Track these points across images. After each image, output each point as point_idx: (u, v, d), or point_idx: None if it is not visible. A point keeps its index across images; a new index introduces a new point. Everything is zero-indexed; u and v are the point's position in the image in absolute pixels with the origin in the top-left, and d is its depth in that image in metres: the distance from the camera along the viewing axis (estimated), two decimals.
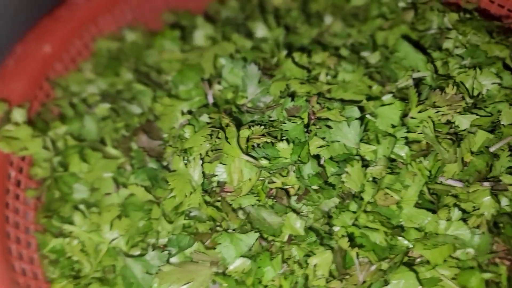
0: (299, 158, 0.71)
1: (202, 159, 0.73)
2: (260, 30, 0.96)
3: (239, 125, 0.74)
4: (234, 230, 0.70)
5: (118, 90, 0.90)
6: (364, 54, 0.93)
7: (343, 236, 0.69)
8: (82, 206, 0.78)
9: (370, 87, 0.84)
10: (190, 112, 0.80)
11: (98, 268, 0.74)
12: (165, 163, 0.80)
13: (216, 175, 0.71)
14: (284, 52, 0.86)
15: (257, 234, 0.68)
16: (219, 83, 0.84)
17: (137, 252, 0.76)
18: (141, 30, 1.03)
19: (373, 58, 0.91)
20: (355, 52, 0.93)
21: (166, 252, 0.72)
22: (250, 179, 0.70)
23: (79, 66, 0.96)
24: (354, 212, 0.72)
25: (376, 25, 0.97)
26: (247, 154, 0.71)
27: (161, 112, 0.84)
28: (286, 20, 1.03)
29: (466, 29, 0.93)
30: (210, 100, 0.83)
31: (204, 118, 0.79)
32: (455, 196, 0.75)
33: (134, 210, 0.77)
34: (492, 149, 0.76)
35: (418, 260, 0.73)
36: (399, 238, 0.72)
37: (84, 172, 0.80)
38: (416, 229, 0.73)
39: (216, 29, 0.98)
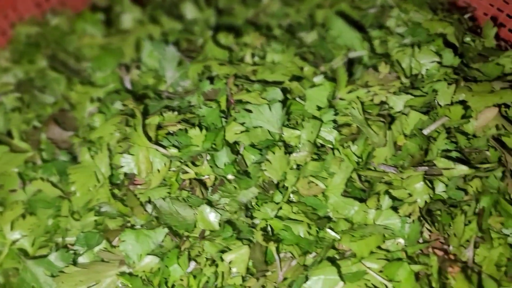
0: (214, 145, 0.65)
1: (109, 149, 0.67)
2: (190, 12, 0.89)
3: (148, 112, 0.68)
4: (142, 226, 0.64)
5: (31, 78, 0.83)
6: (302, 34, 0.87)
7: (260, 229, 0.63)
8: None
9: (301, 68, 0.78)
10: (100, 100, 0.74)
11: None
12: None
13: (123, 166, 0.65)
14: (210, 33, 0.80)
15: (166, 230, 0.62)
16: (138, 67, 0.78)
17: (45, 253, 0.69)
18: (67, 14, 0.95)
19: (310, 37, 0.85)
20: (290, 32, 0.87)
21: (72, 251, 0.66)
22: (158, 170, 0.64)
23: None
24: (277, 203, 0.66)
25: (315, 3, 0.91)
26: (156, 142, 0.65)
27: (76, 100, 0.78)
28: (222, 0, 0.96)
29: (407, 6, 0.88)
30: (128, 85, 0.77)
31: (118, 105, 0.72)
32: (389, 183, 0.70)
33: (42, 207, 0.71)
34: (426, 131, 0.70)
35: (348, 253, 0.68)
36: (328, 230, 0.67)
37: None
38: (346, 220, 0.67)
39: (144, 12, 0.92)
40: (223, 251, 0.63)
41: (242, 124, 0.67)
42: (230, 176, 0.65)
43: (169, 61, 0.74)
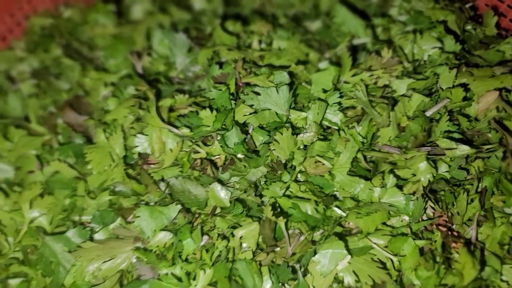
0: (224, 126, 0.68)
1: (123, 131, 0.70)
2: (198, 2, 0.92)
3: (160, 95, 0.71)
4: (156, 203, 0.67)
5: (46, 66, 0.86)
6: (307, 23, 0.90)
7: (269, 205, 0.65)
8: (4, 186, 0.75)
9: (307, 54, 0.81)
10: (114, 84, 0.77)
11: (18, 248, 0.70)
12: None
13: (137, 146, 0.68)
14: (218, 21, 0.82)
15: (179, 207, 0.65)
16: (149, 54, 0.81)
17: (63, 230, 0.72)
18: (79, 7, 0.99)
19: (314, 26, 0.88)
20: (296, 21, 0.89)
21: (88, 228, 0.68)
22: (171, 149, 0.67)
23: (10, 44, 0.92)
24: (285, 182, 0.69)
25: None
26: (169, 123, 0.68)
27: (90, 87, 0.81)
28: None
29: None
30: (140, 72, 0.80)
31: (131, 90, 0.75)
32: (393, 163, 0.72)
33: (59, 187, 0.73)
34: (428, 113, 0.73)
35: (355, 231, 0.70)
36: (335, 208, 0.69)
37: (7, 151, 0.77)
38: (352, 198, 0.70)
39: (154, 3, 0.95)
40: (234, 227, 0.65)
41: (251, 106, 0.70)
42: (240, 155, 0.68)
43: (180, 47, 0.77)
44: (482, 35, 0.90)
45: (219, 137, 0.68)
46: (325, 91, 0.72)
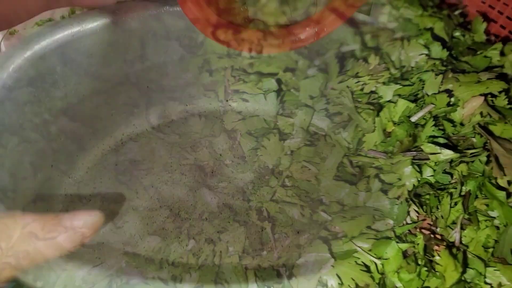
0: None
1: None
2: None
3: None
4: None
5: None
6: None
7: (256, 210, 0.67)
8: None
9: (296, 61, 0.82)
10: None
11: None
12: None
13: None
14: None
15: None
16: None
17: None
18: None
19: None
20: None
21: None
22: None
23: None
24: (272, 187, 0.70)
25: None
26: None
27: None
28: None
29: (398, 3, 0.92)
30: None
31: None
32: (379, 168, 0.73)
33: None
34: (413, 119, 0.74)
35: (340, 234, 0.71)
36: (321, 213, 0.70)
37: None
38: (338, 202, 0.71)
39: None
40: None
41: (239, 112, 0.71)
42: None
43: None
44: (471, 41, 0.92)
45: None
46: (312, 97, 0.73)
